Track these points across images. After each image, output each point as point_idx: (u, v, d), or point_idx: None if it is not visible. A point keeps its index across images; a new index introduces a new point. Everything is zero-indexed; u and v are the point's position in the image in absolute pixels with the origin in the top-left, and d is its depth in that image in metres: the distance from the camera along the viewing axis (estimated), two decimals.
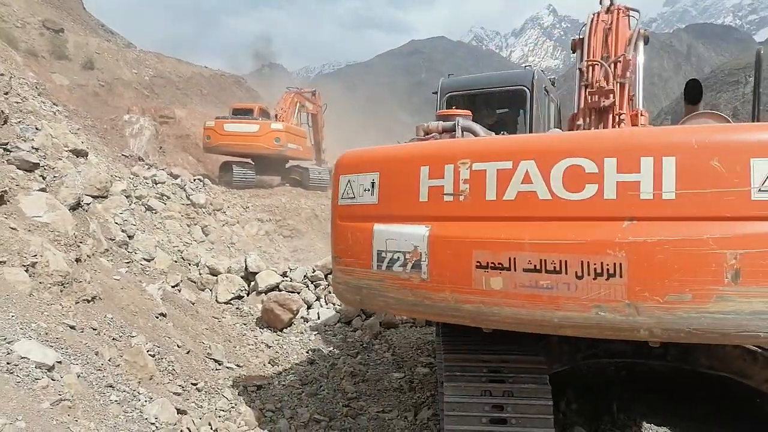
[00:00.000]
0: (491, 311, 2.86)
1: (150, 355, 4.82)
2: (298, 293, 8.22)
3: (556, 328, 2.80)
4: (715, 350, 3.81)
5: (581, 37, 5.50)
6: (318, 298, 8.42)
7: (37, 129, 6.79)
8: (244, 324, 7.46)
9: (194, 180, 13.97)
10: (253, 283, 8.39)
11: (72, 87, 20.34)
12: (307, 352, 6.85)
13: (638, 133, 3.34)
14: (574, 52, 5.79)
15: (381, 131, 38.52)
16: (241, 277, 8.45)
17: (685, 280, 2.45)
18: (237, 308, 7.88)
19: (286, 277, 8.58)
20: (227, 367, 5.81)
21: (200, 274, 8.49)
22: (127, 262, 6.85)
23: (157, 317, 5.80)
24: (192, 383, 5.01)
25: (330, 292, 8.45)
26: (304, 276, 8.69)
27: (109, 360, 4.31)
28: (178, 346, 5.49)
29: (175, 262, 8.48)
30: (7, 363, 3.34)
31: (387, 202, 3.30)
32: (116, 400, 3.86)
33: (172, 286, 7.28)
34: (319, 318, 7.89)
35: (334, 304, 8.27)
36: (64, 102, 15.93)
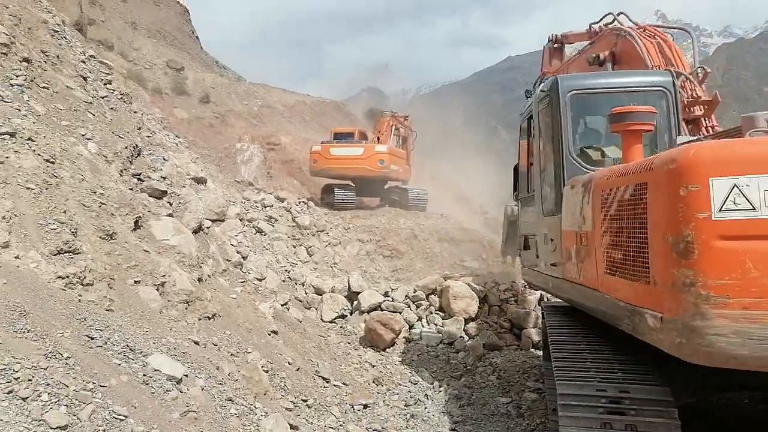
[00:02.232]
0: None
1: (264, 370, 5.07)
2: (400, 313, 8.28)
3: None
4: None
5: (636, 50, 5.67)
6: (419, 319, 8.41)
7: (164, 159, 7.48)
8: (348, 343, 7.63)
9: (299, 203, 14.59)
10: (355, 303, 8.58)
11: (191, 120, 22.26)
12: (410, 373, 6.85)
13: None
14: (601, 65, 6.14)
15: (481, 147, 38.29)
16: (344, 297, 8.67)
17: None
18: (341, 327, 8.08)
19: (388, 297, 8.68)
20: (334, 385, 5.96)
21: (306, 293, 8.83)
22: (242, 282, 7.28)
23: (269, 334, 6.09)
24: (302, 399, 5.20)
25: (432, 313, 8.41)
26: (406, 296, 8.74)
27: (228, 374, 4.58)
28: (288, 363, 5.73)
29: (283, 281, 8.89)
30: (143, 375, 3.66)
31: None
32: (235, 414, 4.09)
33: (282, 305, 7.64)
34: (421, 338, 7.88)
35: (435, 325, 8.22)
36: (185, 134, 17.39)
